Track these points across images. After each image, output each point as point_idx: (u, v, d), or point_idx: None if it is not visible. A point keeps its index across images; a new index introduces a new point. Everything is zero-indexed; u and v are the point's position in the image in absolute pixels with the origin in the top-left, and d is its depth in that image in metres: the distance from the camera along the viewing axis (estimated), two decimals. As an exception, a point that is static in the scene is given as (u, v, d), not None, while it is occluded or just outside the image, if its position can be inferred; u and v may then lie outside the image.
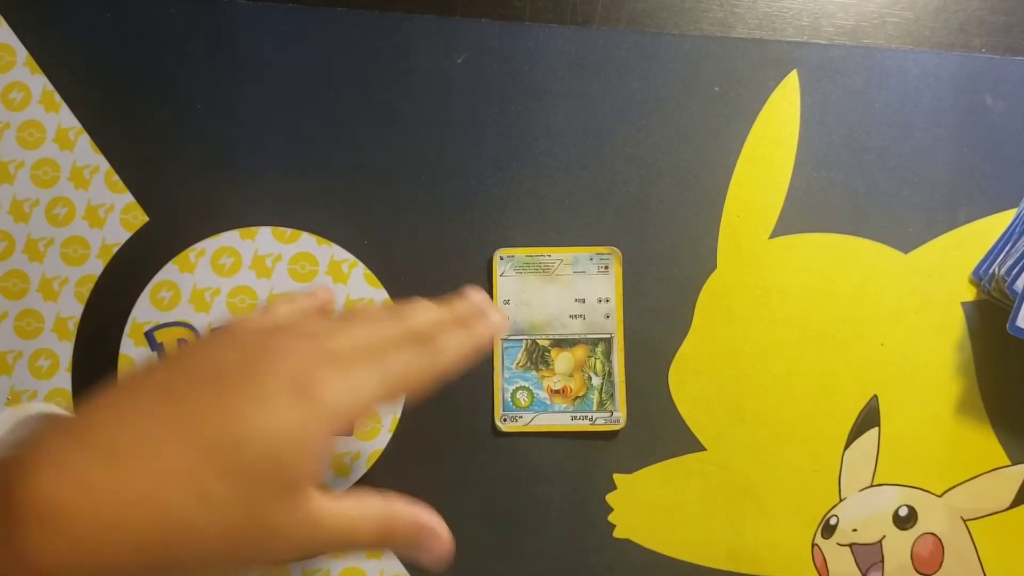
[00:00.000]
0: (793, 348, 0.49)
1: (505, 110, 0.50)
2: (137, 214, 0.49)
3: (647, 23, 0.51)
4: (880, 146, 0.50)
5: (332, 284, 0.49)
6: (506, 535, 0.48)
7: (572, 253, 0.49)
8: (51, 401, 0.48)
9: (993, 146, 0.50)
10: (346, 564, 0.48)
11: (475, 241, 0.49)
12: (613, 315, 0.49)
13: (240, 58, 0.50)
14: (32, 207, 0.49)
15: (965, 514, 0.48)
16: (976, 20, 0.51)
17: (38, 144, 0.49)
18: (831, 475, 0.48)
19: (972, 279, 0.49)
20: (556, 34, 0.50)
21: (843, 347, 0.49)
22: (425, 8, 0.50)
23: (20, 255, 0.49)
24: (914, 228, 0.49)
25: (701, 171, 0.49)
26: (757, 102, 0.50)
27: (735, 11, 0.51)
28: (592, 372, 0.48)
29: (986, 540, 0.48)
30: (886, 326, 0.49)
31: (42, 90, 0.50)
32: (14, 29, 0.50)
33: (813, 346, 0.49)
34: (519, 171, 0.50)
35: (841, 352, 0.49)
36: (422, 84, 0.50)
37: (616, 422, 0.48)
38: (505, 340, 0.49)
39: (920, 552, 0.48)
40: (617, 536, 0.48)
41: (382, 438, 0.48)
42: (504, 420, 0.48)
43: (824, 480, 0.48)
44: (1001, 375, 0.48)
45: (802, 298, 0.49)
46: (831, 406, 0.48)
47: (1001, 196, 0.49)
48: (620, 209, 0.49)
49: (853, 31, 0.51)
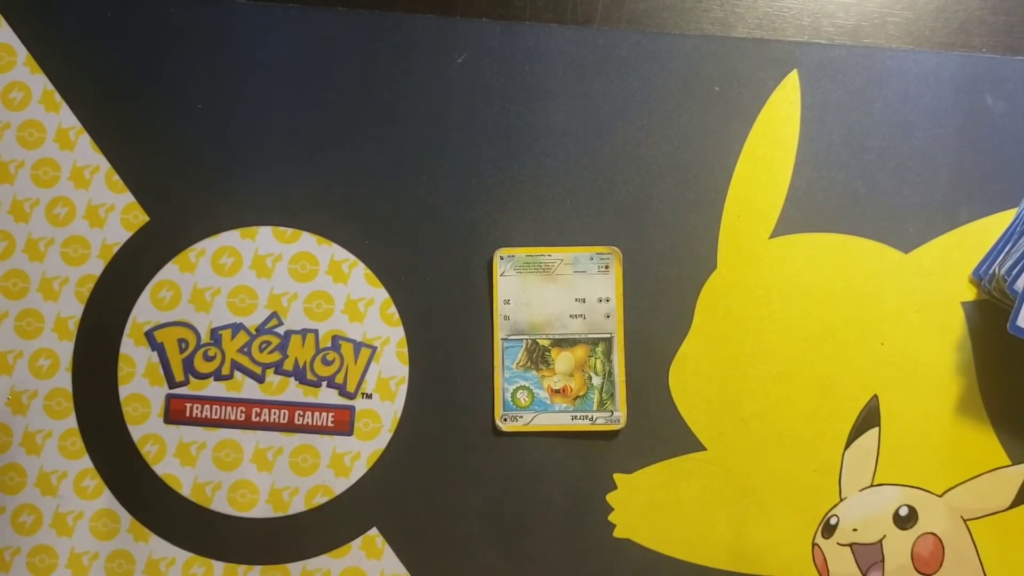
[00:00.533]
0: (793, 348, 0.49)
1: (505, 110, 0.50)
2: (137, 214, 0.49)
3: (648, 23, 0.51)
4: (880, 146, 0.50)
5: (332, 284, 0.49)
6: (506, 534, 0.48)
7: (572, 253, 0.49)
8: (50, 401, 0.48)
9: (993, 146, 0.50)
10: (347, 564, 0.48)
11: (475, 241, 0.49)
12: (613, 315, 0.49)
13: (240, 58, 0.50)
14: (32, 207, 0.49)
15: (965, 514, 0.48)
16: (977, 20, 0.51)
17: (38, 144, 0.49)
18: (831, 475, 0.48)
19: (972, 279, 0.49)
20: (556, 34, 0.50)
21: (843, 347, 0.49)
22: (425, 8, 0.50)
23: (20, 255, 0.49)
24: (914, 228, 0.49)
25: (701, 171, 0.49)
26: (757, 102, 0.50)
27: (735, 11, 0.51)
28: (592, 372, 0.48)
29: (987, 540, 0.48)
30: (886, 326, 0.49)
31: (42, 90, 0.50)
32: (14, 29, 0.50)
33: (813, 346, 0.49)
34: (519, 171, 0.50)
35: (841, 352, 0.49)
36: (422, 84, 0.50)
37: (616, 422, 0.48)
38: (505, 340, 0.49)
39: (920, 552, 0.48)
40: (617, 536, 0.48)
41: (383, 438, 0.48)
42: (504, 420, 0.48)
43: (824, 480, 0.48)
44: (1001, 375, 0.48)
45: (802, 298, 0.49)
46: (831, 406, 0.48)
47: (1001, 196, 0.49)
48: (620, 209, 0.49)
49: (853, 31, 0.51)
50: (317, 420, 0.48)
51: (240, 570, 0.48)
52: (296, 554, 0.48)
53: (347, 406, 0.49)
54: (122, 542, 0.48)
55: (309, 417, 0.48)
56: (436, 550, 0.48)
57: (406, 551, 0.48)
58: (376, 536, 0.48)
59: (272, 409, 0.48)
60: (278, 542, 0.48)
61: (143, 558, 0.48)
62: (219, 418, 0.48)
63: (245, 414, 0.48)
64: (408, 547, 0.48)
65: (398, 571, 0.48)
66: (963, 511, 0.48)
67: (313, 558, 0.48)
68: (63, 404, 0.48)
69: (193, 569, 0.48)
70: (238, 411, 0.48)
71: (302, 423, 0.48)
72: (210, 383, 0.48)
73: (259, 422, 0.48)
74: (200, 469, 0.48)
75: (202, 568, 0.48)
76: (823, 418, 0.48)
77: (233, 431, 0.48)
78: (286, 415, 0.48)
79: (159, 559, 0.48)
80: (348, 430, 0.48)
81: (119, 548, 0.48)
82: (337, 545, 0.48)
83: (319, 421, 0.48)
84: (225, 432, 0.48)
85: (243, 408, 0.48)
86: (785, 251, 0.49)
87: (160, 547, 0.48)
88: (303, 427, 0.48)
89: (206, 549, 0.48)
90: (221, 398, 0.48)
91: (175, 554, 0.48)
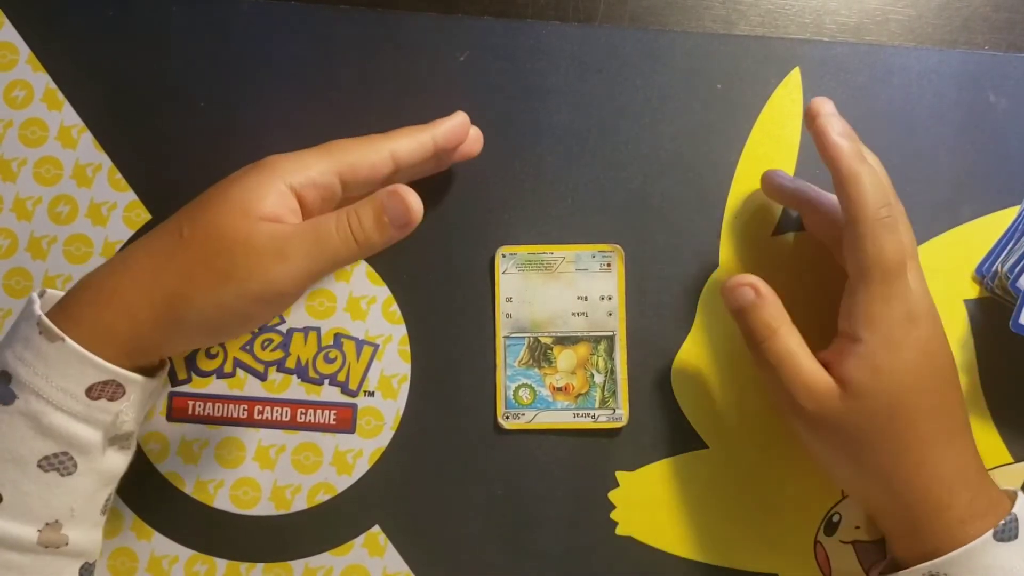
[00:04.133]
0: (796, 345, 0.48)
1: (507, 107, 0.50)
2: (140, 212, 0.49)
3: (650, 20, 0.51)
4: (882, 143, 0.49)
5: (334, 282, 0.49)
6: (508, 532, 0.48)
7: (574, 251, 0.49)
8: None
9: (996, 143, 0.50)
10: (350, 562, 0.48)
11: (477, 238, 0.49)
12: (615, 312, 0.49)
13: (243, 56, 0.50)
14: (35, 205, 0.49)
15: (968, 511, 0.48)
16: (979, 17, 0.51)
17: (41, 142, 0.49)
18: (834, 472, 0.48)
19: (975, 276, 0.49)
20: (559, 31, 0.50)
21: (846, 344, 0.48)
22: (428, 6, 0.50)
23: (23, 253, 0.49)
24: (917, 225, 0.49)
25: (703, 169, 0.49)
26: (759, 99, 0.50)
27: (737, 8, 0.51)
28: (594, 370, 0.48)
29: (989, 537, 0.48)
30: (889, 323, 0.49)
31: (44, 88, 0.50)
32: (16, 27, 0.50)
33: (816, 343, 0.49)
34: (521, 169, 0.50)
35: (844, 349, 0.48)
36: (425, 82, 0.50)
37: (618, 419, 0.48)
38: (507, 337, 0.49)
39: (923, 549, 0.48)
40: (619, 533, 0.48)
41: (384, 435, 0.48)
42: (506, 417, 0.48)
43: (826, 477, 0.48)
44: (1004, 372, 0.48)
45: (805, 296, 0.49)
46: (834, 403, 0.48)
47: (1004, 193, 0.49)
48: (622, 207, 0.49)
49: (855, 28, 0.51)
50: (319, 418, 0.48)
51: (242, 567, 0.48)
52: (298, 552, 0.48)
53: (349, 404, 0.49)
54: (124, 540, 0.48)
55: (311, 415, 0.48)
56: (438, 547, 0.48)
57: (408, 549, 0.48)
58: (378, 534, 0.48)
59: (274, 407, 0.48)
60: (280, 540, 0.48)
61: (145, 556, 0.48)
62: (221, 416, 0.48)
63: (247, 412, 0.48)
64: (410, 544, 0.48)
65: (400, 568, 0.48)
66: (965, 509, 0.48)
67: (315, 556, 0.48)
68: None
69: (196, 567, 0.48)
70: (240, 409, 0.48)
71: (304, 421, 0.48)
72: (212, 381, 0.49)
73: (261, 420, 0.48)
74: (202, 467, 0.48)
75: (204, 566, 0.48)
76: (825, 416, 0.48)
77: (235, 429, 0.48)
78: (288, 413, 0.48)
79: (161, 556, 0.48)
80: (350, 428, 0.48)
81: (122, 546, 0.48)
82: (339, 543, 0.48)
83: (321, 419, 0.48)
84: (227, 430, 0.48)
85: (245, 406, 0.48)
86: (787, 249, 0.49)
87: (163, 545, 0.48)
88: (305, 425, 0.48)
89: (208, 547, 0.48)
90: (223, 396, 0.48)
91: (177, 552, 0.48)
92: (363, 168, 0.41)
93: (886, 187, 0.41)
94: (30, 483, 0.37)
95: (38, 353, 0.37)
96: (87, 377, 0.37)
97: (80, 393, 0.37)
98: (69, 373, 0.37)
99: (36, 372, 0.36)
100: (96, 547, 0.40)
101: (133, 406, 0.39)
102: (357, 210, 0.38)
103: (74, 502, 0.38)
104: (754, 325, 0.43)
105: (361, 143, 0.42)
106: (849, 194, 0.40)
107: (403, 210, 0.38)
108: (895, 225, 0.40)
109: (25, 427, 0.36)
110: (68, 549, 0.38)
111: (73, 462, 0.37)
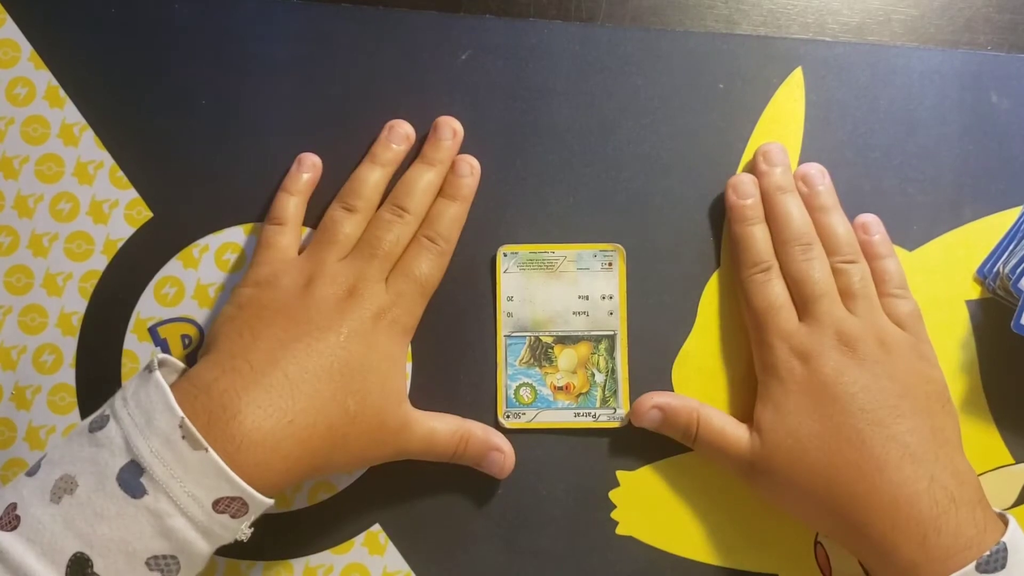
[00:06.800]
0: (797, 346, 0.48)
1: (509, 107, 0.50)
2: (141, 210, 0.49)
3: (652, 20, 0.51)
4: (885, 143, 0.50)
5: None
6: (508, 531, 0.48)
7: (576, 250, 0.49)
8: (54, 397, 0.48)
9: (998, 143, 0.49)
10: (350, 560, 0.48)
11: (478, 237, 0.49)
12: (617, 312, 0.49)
13: (244, 54, 0.50)
14: (36, 202, 0.49)
15: (969, 512, 0.48)
16: (982, 17, 0.51)
17: (42, 139, 0.49)
18: (834, 473, 0.48)
19: (977, 277, 0.49)
20: (560, 31, 0.50)
21: (847, 345, 0.48)
22: (429, 5, 0.50)
23: (24, 250, 0.49)
24: (919, 226, 0.49)
25: (705, 168, 0.49)
26: (761, 99, 0.50)
27: (740, 8, 0.51)
28: (595, 369, 0.48)
29: (990, 538, 0.48)
30: (890, 324, 0.49)
31: (46, 85, 0.50)
32: (19, 24, 0.50)
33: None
34: (523, 168, 0.50)
35: (845, 350, 0.48)
36: (426, 81, 0.50)
37: (619, 419, 0.48)
38: (508, 337, 0.49)
39: (923, 550, 0.48)
40: (620, 533, 0.48)
41: (385, 434, 0.48)
42: (507, 416, 0.48)
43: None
44: (1005, 373, 0.48)
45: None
46: (835, 404, 0.48)
47: (1006, 193, 0.49)
48: (624, 206, 0.49)
49: (858, 28, 0.51)
50: (320, 416, 0.48)
51: (243, 565, 0.48)
52: (299, 550, 0.48)
53: (350, 402, 0.48)
54: (125, 537, 0.48)
55: (312, 413, 0.48)
56: (438, 546, 0.48)
57: (408, 547, 0.48)
58: (379, 532, 0.48)
59: (275, 405, 0.48)
60: (281, 538, 0.48)
61: (146, 553, 0.48)
62: (222, 414, 0.48)
63: (248, 410, 0.48)
64: (410, 543, 0.48)
65: (400, 567, 0.48)
66: (966, 509, 0.48)
67: (316, 554, 0.48)
68: (67, 399, 0.48)
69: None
70: (241, 407, 0.48)
71: (305, 419, 0.48)
72: (213, 379, 0.48)
73: (262, 418, 0.48)
74: (203, 465, 0.48)
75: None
76: (826, 416, 0.48)
77: (236, 427, 0.48)
78: (289, 411, 0.48)
79: (162, 554, 0.48)
80: (351, 426, 0.48)
81: (122, 543, 0.48)
82: (340, 541, 0.48)
83: (322, 417, 0.48)
84: (228, 428, 0.48)
85: (246, 404, 0.48)
86: (789, 249, 0.49)
87: (163, 542, 0.48)
88: (306, 423, 0.48)
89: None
90: (224, 394, 0.48)
91: (178, 550, 0.48)
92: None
93: (765, 246, 0.47)
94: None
95: (179, 457, 0.36)
96: (219, 491, 0.37)
97: (207, 504, 0.37)
98: (203, 483, 0.36)
99: (173, 475, 0.36)
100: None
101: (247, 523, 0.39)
102: (470, 438, 0.46)
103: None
104: (675, 433, 0.46)
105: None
106: (732, 252, 0.48)
107: (495, 471, 0.46)
108: (767, 281, 0.46)
109: (147, 523, 0.36)
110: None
111: (178, 566, 0.37)
